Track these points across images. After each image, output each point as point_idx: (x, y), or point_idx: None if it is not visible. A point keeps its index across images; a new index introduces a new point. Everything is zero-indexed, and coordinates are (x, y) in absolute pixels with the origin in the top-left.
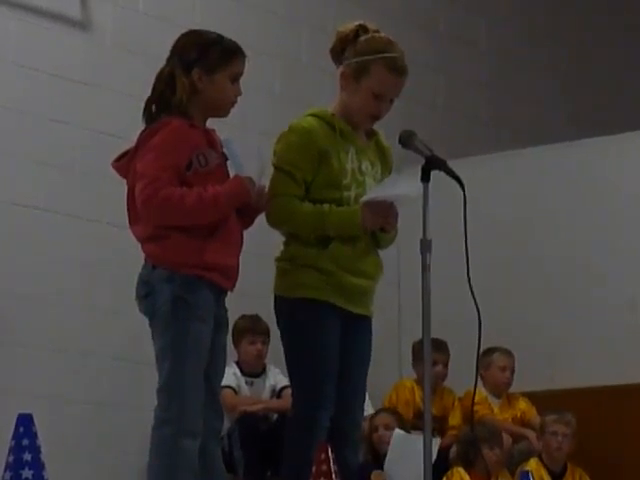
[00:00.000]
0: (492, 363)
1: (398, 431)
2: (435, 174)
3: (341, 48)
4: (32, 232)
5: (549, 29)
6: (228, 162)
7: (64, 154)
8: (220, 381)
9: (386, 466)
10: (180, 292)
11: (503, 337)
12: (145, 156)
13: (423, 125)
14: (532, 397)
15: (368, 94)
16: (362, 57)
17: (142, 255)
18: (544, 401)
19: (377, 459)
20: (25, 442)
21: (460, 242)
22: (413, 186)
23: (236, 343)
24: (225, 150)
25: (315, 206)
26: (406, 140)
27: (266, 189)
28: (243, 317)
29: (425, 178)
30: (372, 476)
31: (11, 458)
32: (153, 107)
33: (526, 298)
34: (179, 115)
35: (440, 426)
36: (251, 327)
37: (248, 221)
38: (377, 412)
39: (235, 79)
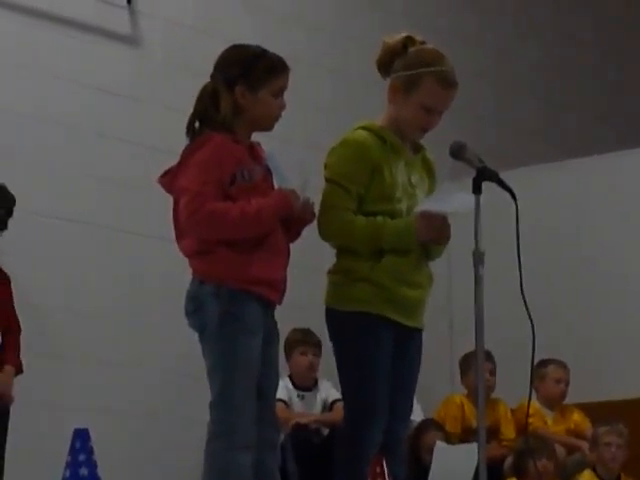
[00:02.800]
0: (547, 375)
1: (440, 443)
2: (484, 185)
3: (389, 60)
4: (84, 247)
5: (597, 40)
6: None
7: (114, 169)
8: (275, 393)
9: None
10: (228, 306)
11: (554, 349)
12: (188, 171)
13: (472, 137)
14: (584, 408)
15: (418, 107)
16: (413, 70)
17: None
18: (597, 412)
19: (424, 475)
20: (82, 457)
21: (508, 253)
22: (467, 200)
23: (288, 356)
24: (268, 163)
25: (369, 219)
26: (457, 152)
27: (311, 201)
28: (294, 330)
29: (476, 190)
30: None
31: (68, 473)
32: (196, 123)
33: (577, 309)
34: (223, 130)
35: (492, 437)
36: (303, 339)
37: (294, 233)
38: (424, 427)
39: (279, 93)
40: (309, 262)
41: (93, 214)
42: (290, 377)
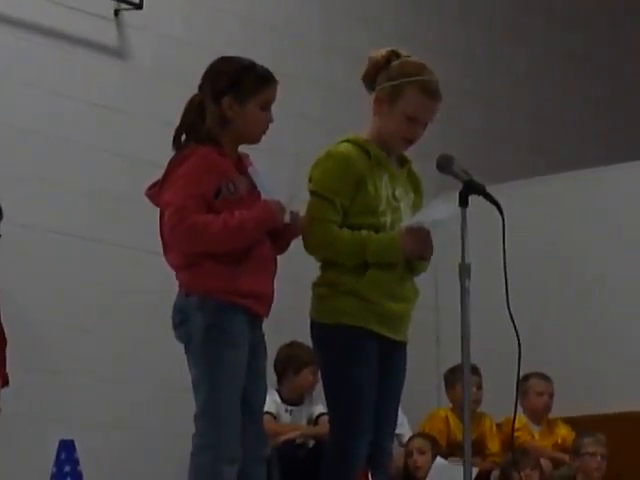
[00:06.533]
0: (530, 388)
1: (439, 460)
2: (471, 198)
3: (374, 73)
4: (73, 261)
5: (586, 57)
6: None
7: (104, 181)
8: (262, 406)
9: None
10: (213, 319)
11: (541, 362)
12: (173, 184)
13: (459, 151)
14: (571, 422)
15: (402, 117)
16: (396, 81)
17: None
18: (584, 426)
19: None
20: (67, 468)
21: (494, 267)
22: (449, 209)
23: (295, 371)
24: (253, 178)
25: (353, 233)
26: (444, 165)
27: (300, 214)
28: (301, 346)
29: (463, 203)
30: None
31: None
32: (183, 135)
33: (563, 323)
34: (209, 143)
35: (477, 451)
36: (312, 359)
37: (282, 246)
38: (412, 437)
39: (266, 106)
40: (293, 274)
41: (84, 227)
42: (278, 391)
